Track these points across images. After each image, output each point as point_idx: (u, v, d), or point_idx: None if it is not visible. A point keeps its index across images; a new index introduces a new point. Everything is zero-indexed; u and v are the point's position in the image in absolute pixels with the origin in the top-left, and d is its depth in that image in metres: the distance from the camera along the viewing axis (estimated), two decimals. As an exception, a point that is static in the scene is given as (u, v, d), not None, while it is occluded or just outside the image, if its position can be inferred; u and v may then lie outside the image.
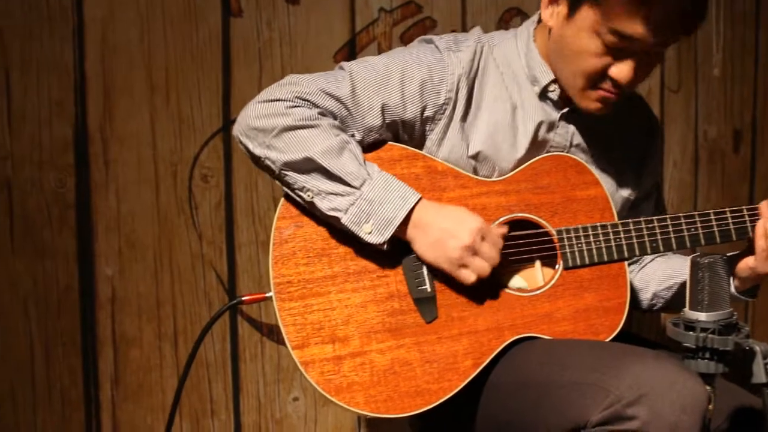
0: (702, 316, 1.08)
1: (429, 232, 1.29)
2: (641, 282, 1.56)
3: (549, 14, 1.35)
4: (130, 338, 1.92)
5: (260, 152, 1.30)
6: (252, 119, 1.30)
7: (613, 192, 1.47)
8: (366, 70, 1.34)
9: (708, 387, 1.10)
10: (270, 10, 1.94)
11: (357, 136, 1.34)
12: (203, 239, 1.95)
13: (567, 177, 1.42)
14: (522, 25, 1.46)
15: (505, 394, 1.31)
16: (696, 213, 1.39)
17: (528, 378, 1.27)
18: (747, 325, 1.11)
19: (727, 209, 1.38)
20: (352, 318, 1.31)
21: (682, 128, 2.42)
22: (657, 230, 1.39)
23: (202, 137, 1.93)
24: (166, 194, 1.92)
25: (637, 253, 1.39)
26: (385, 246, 1.29)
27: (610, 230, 1.39)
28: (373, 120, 1.34)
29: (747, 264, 1.36)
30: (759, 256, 1.34)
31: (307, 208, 1.33)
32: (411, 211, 1.28)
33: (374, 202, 1.27)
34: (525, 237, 1.39)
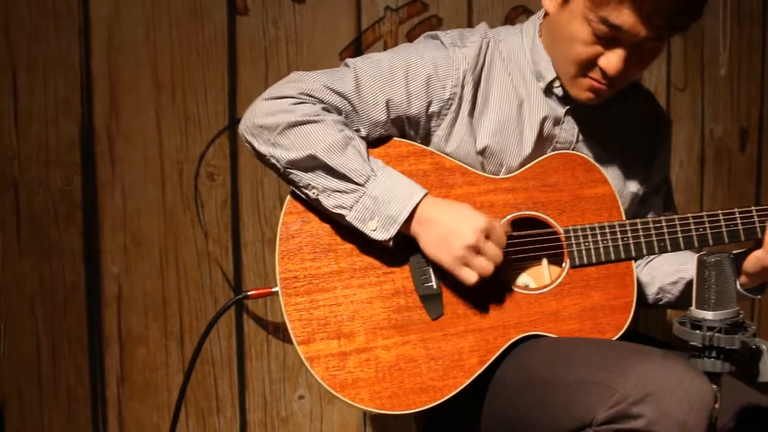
0: (709, 315, 1.08)
1: (433, 229, 1.28)
2: (647, 276, 1.55)
3: (549, 1, 1.35)
4: (137, 336, 1.92)
5: (265, 150, 1.30)
6: (257, 117, 1.30)
7: (621, 187, 1.46)
8: (370, 66, 1.34)
9: (714, 386, 1.10)
10: (276, 9, 1.95)
11: (362, 132, 1.34)
12: (209, 237, 1.96)
13: (575, 175, 1.41)
14: (528, 21, 1.46)
15: (511, 392, 1.31)
16: (705, 213, 1.38)
17: (534, 376, 1.27)
18: (753, 324, 1.11)
19: (736, 209, 1.37)
20: (358, 314, 1.30)
21: (689, 127, 2.41)
22: (665, 230, 1.39)
23: (208, 135, 1.93)
24: (172, 192, 1.92)
25: (645, 253, 1.39)
26: (391, 243, 1.29)
27: (618, 229, 1.39)
28: (378, 115, 1.34)
29: (756, 256, 1.33)
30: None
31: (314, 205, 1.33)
32: (416, 207, 1.28)
33: (379, 199, 1.27)
34: (532, 235, 1.39)
